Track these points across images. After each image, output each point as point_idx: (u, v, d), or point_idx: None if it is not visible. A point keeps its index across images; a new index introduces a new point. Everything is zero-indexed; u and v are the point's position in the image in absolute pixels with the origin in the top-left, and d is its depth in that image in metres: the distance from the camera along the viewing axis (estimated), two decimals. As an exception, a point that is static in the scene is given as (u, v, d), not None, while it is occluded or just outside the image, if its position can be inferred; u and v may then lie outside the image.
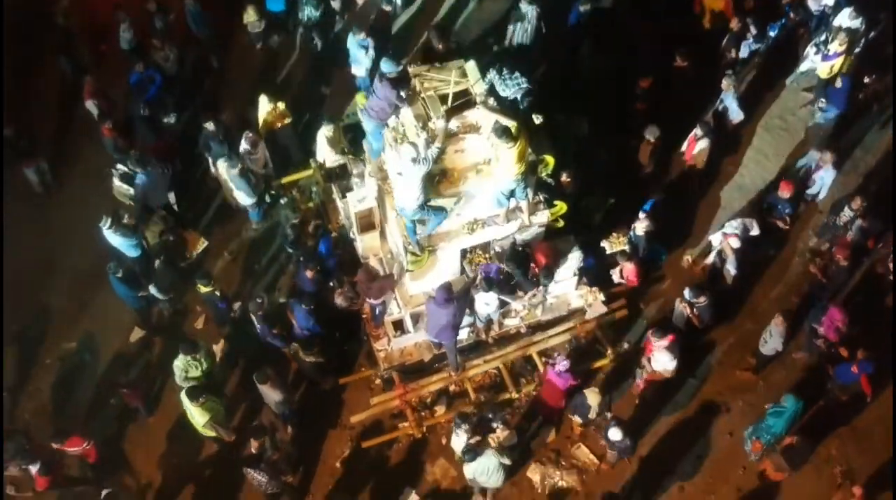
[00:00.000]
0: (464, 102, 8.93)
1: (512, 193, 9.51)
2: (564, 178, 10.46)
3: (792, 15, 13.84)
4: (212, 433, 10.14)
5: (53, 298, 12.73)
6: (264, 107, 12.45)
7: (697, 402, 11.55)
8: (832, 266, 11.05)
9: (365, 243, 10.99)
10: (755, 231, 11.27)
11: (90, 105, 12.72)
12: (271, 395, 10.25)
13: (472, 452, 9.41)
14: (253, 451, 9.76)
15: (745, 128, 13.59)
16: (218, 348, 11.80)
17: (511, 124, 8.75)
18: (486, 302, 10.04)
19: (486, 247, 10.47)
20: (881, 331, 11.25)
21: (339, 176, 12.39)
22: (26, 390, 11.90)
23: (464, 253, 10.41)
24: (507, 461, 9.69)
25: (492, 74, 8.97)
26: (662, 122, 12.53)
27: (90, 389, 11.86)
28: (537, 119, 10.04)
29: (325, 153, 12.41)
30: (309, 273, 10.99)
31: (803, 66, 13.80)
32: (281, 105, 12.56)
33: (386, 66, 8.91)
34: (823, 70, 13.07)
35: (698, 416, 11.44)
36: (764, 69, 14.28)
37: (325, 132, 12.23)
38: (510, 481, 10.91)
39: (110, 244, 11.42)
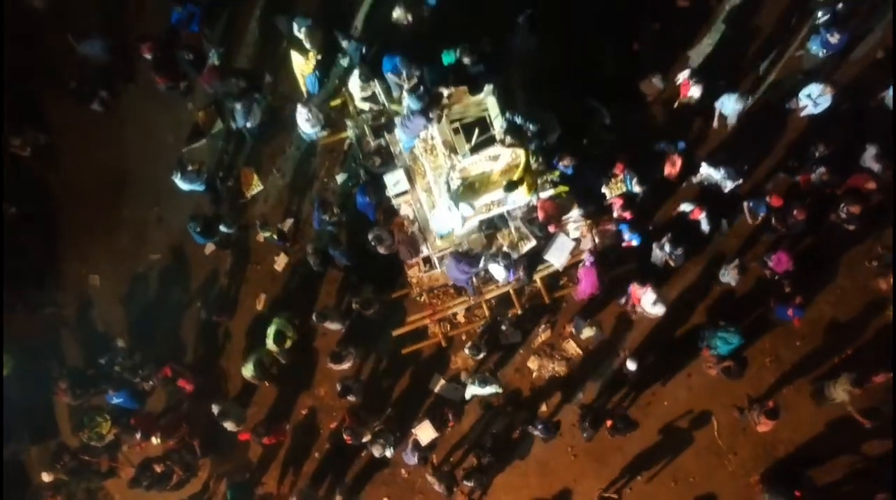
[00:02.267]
0: (485, 139, 10.51)
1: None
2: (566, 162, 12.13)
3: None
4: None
5: (132, 211, 15.01)
6: (298, 62, 13.41)
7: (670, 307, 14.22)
8: (790, 219, 13.01)
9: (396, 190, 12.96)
10: (729, 188, 13.10)
11: (146, 55, 13.80)
12: (330, 326, 13.22)
13: (483, 381, 12.75)
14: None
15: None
16: (281, 261, 14.47)
17: (523, 158, 10.48)
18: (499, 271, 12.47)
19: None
20: (820, 273, 13.82)
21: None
22: (128, 298, 14.81)
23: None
24: (500, 390, 13.09)
25: (509, 115, 10.32)
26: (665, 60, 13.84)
27: (180, 296, 14.76)
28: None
29: (356, 89, 13.68)
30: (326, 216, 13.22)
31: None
32: (312, 53, 13.43)
33: (414, 104, 10.38)
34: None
35: (666, 316, 14.00)
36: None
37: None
38: (514, 368, 14.40)
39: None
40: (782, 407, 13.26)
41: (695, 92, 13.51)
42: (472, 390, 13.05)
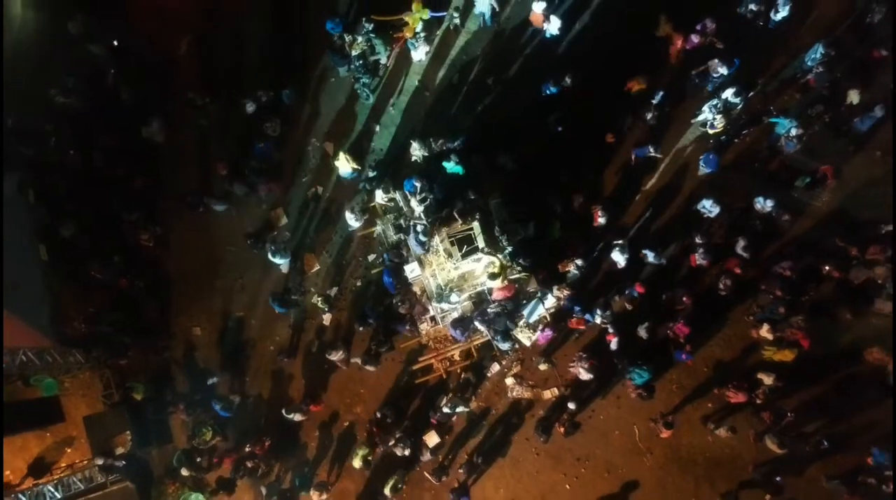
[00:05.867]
0: (471, 249, 16.37)
1: (499, 281, 17.38)
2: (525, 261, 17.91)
3: (697, 81, 19.83)
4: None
5: (222, 281, 20.97)
6: (343, 162, 19.24)
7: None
8: (678, 301, 18.76)
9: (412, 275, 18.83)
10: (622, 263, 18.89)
11: (222, 172, 20.00)
12: (370, 369, 19.06)
13: (454, 405, 18.59)
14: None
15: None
16: (327, 318, 20.31)
17: (498, 262, 16.30)
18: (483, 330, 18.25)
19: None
20: (712, 326, 19.42)
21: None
22: (220, 344, 20.78)
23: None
24: (469, 409, 18.99)
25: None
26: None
27: (256, 343, 20.72)
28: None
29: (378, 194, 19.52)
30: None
31: (700, 118, 19.96)
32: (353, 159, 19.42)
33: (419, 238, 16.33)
34: (711, 131, 19.60)
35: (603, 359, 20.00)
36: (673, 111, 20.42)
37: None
38: (494, 392, 20.12)
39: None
40: (683, 421, 19.15)
41: (602, 219, 19.26)
42: (448, 411, 18.93)
